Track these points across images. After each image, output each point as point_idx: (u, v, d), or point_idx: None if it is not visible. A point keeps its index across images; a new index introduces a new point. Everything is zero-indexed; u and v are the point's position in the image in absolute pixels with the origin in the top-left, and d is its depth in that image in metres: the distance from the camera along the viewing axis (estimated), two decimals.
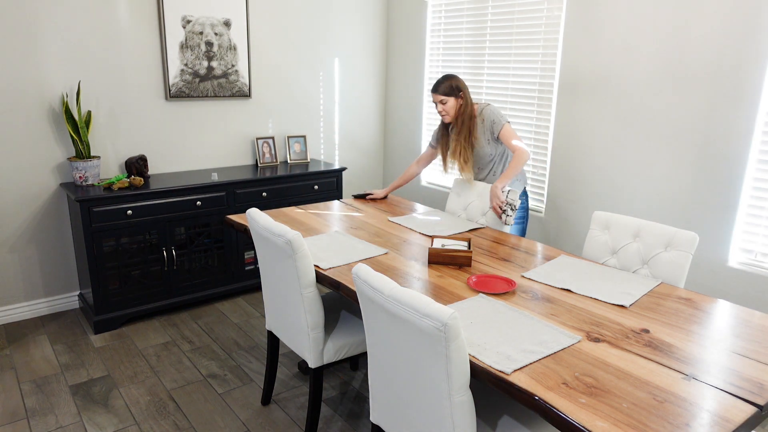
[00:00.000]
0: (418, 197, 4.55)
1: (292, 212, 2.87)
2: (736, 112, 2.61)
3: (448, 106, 2.82)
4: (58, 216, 3.31)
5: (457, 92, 2.80)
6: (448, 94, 2.80)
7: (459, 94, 2.81)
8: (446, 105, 2.82)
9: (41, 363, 2.84)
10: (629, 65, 2.98)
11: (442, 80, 2.82)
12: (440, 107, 2.84)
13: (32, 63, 3.06)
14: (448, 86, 2.80)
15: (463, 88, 2.82)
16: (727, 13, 2.58)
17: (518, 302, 1.83)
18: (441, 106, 2.84)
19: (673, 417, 1.24)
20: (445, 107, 2.82)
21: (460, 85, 2.82)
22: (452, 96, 2.80)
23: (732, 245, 2.72)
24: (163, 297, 3.36)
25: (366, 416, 2.48)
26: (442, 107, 2.83)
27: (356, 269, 1.62)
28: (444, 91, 2.81)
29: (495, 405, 1.76)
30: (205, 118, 3.74)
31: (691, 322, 1.71)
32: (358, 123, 4.57)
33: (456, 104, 2.82)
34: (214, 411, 2.49)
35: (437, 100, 2.84)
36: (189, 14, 3.50)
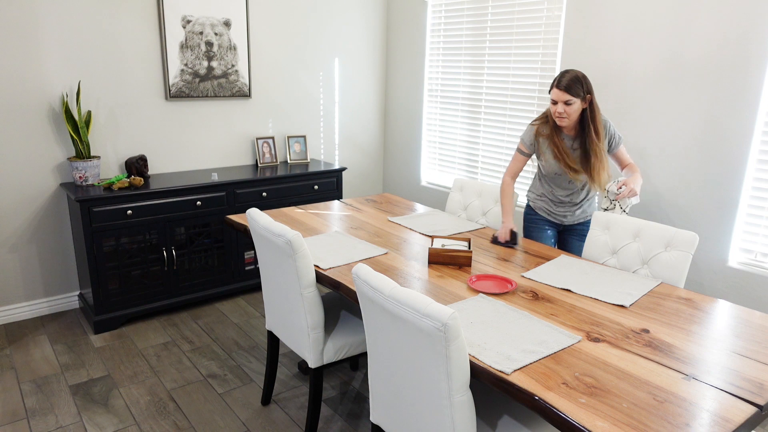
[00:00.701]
0: (418, 197, 4.55)
1: (292, 212, 2.87)
2: (736, 112, 2.61)
3: (573, 108, 2.32)
4: (58, 216, 3.31)
5: (584, 94, 2.32)
6: (576, 93, 2.30)
7: (586, 97, 2.34)
8: (571, 107, 2.32)
9: (41, 363, 2.84)
10: (629, 65, 2.98)
11: (565, 74, 2.32)
12: (561, 107, 2.32)
13: (32, 63, 3.07)
14: (576, 82, 2.30)
15: (591, 90, 2.35)
16: (727, 13, 2.58)
17: (518, 302, 1.83)
18: (563, 107, 2.32)
19: (673, 417, 1.24)
20: (569, 109, 2.32)
21: (589, 85, 2.34)
22: (579, 97, 2.32)
23: (732, 245, 2.72)
24: (163, 297, 3.36)
25: (366, 416, 2.48)
26: (565, 108, 2.32)
27: (356, 269, 1.62)
28: (570, 87, 2.30)
29: (495, 405, 1.76)
30: (205, 118, 3.74)
31: (691, 322, 1.71)
32: (358, 123, 4.57)
33: (580, 108, 2.35)
34: (214, 411, 2.49)
35: (561, 99, 2.31)
36: (189, 14, 3.50)
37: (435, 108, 4.29)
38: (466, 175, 4.13)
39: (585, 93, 2.32)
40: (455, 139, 4.16)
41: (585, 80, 2.32)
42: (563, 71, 2.34)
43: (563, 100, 2.30)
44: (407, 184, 4.63)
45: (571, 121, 2.36)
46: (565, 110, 2.32)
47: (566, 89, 2.29)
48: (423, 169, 4.49)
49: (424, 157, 4.47)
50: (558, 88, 2.31)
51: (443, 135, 4.26)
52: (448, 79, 4.12)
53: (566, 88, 2.29)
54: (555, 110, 2.35)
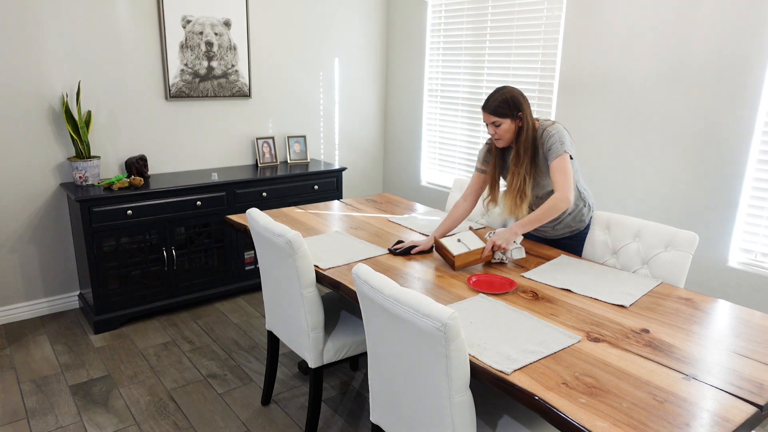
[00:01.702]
0: (418, 197, 4.55)
1: (292, 212, 2.87)
2: (736, 112, 2.61)
3: (502, 129, 2.20)
4: (58, 216, 3.31)
5: (514, 112, 2.17)
6: (503, 114, 2.17)
7: (517, 115, 2.18)
8: (500, 128, 2.20)
9: (41, 363, 2.84)
10: (629, 65, 2.98)
11: (494, 94, 2.20)
12: (492, 129, 2.22)
13: (32, 63, 3.06)
14: (503, 103, 2.17)
15: (522, 106, 2.18)
16: (727, 13, 2.58)
17: (518, 302, 1.83)
18: (493, 129, 2.22)
19: (673, 417, 1.24)
20: (499, 131, 2.21)
21: (519, 102, 2.18)
22: (508, 117, 2.18)
23: (732, 245, 2.72)
24: (163, 297, 3.36)
25: (366, 416, 2.48)
26: (495, 130, 2.21)
27: (356, 269, 1.62)
28: (496, 109, 2.17)
29: (495, 405, 1.76)
30: (205, 118, 3.74)
31: (691, 322, 1.71)
32: (358, 123, 4.57)
33: (513, 127, 2.20)
34: (214, 411, 2.49)
35: (488, 121, 2.21)
36: (189, 14, 3.50)
37: (435, 108, 4.29)
38: (466, 175, 4.12)
39: (515, 111, 2.17)
40: (455, 139, 4.16)
41: (515, 99, 2.17)
42: (494, 90, 2.23)
43: (489, 121, 2.21)
44: (407, 184, 4.63)
45: (506, 141, 2.24)
46: (496, 132, 2.21)
47: (492, 111, 2.18)
48: (423, 169, 4.49)
49: (424, 157, 4.47)
50: (484, 110, 2.21)
51: (443, 135, 4.26)
52: (448, 79, 4.12)
53: (492, 111, 2.18)
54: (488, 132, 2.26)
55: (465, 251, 2.11)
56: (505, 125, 2.19)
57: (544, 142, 2.21)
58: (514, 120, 2.18)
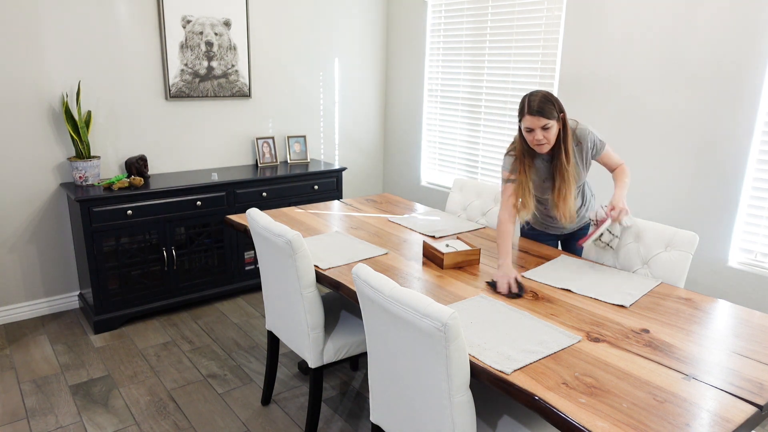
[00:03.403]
0: (418, 197, 4.55)
1: (292, 212, 2.87)
2: (736, 112, 2.61)
3: (552, 132, 2.08)
4: (58, 216, 3.31)
5: (557, 113, 2.08)
6: (551, 116, 2.05)
7: (560, 116, 2.09)
8: (549, 131, 2.07)
9: (41, 363, 2.84)
10: (629, 65, 2.98)
11: (535, 97, 2.07)
12: (540, 134, 2.07)
13: (32, 63, 3.06)
14: (549, 104, 2.05)
15: (563, 107, 2.12)
16: (728, 13, 2.58)
17: (518, 302, 1.83)
18: (541, 133, 2.07)
19: (673, 417, 1.24)
20: (548, 134, 2.07)
21: (560, 102, 2.11)
22: (554, 119, 2.06)
23: (732, 245, 2.72)
24: (163, 297, 3.36)
25: (366, 416, 2.48)
26: (543, 134, 2.07)
27: (356, 269, 1.62)
28: (547, 112, 2.04)
29: (495, 405, 1.76)
30: (205, 118, 3.74)
31: (691, 322, 1.71)
32: (358, 123, 4.57)
33: (557, 128, 2.10)
34: (214, 411, 2.49)
35: (537, 126, 2.05)
36: (189, 14, 3.50)
37: (435, 108, 4.29)
38: (466, 175, 4.13)
39: (558, 112, 2.08)
40: (455, 139, 4.16)
41: (555, 99, 2.10)
42: (529, 94, 2.11)
43: (540, 125, 2.05)
44: (407, 184, 4.63)
45: (550, 145, 2.12)
46: (544, 135, 2.08)
47: (541, 113, 2.04)
48: (423, 169, 4.49)
49: (424, 157, 4.47)
50: (531, 114, 2.05)
51: (443, 135, 4.26)
52: (448, 79, 4.12)
53: (540, 112, 2.04)
54: (533, 138, 2.09)
55: (453, 251, 2.16)
56: (554, 128, 2.08)
57: (580, 140, 2.21)
58: (558, 121, 2.09)
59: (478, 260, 2.19)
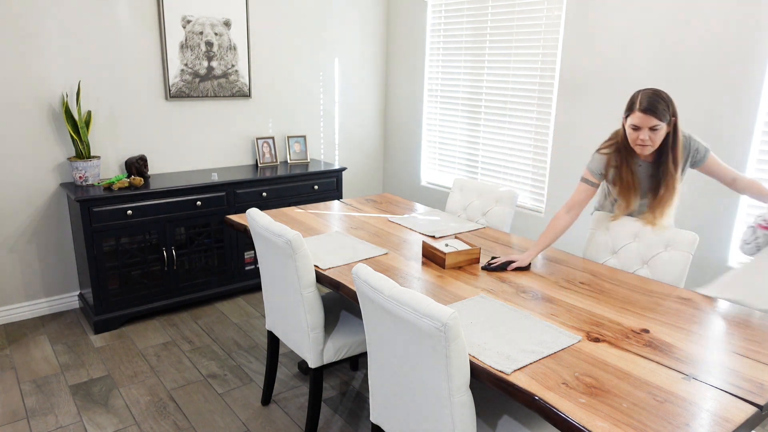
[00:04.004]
0: (418, 197, 4.55)
1: (292, 212, 2.87)
2: (736, 112, 2.61)
3: (660, 134, 1.99)
4: (58, 216, 3.31)
5: (670, 117, 1.98)
6: (663, 117, 1.96)
7: (671, 119, 2.00)
8: (658, 133, 1.98)
9: (41, 363, 2.84)
10: (629, 65, 2.98)
11: (650, 95, 1.96)
12: (646, 135, 1.98)
13: (32, 63, 3.07)
14: (664, 105, 1.95)
15: (676, 110, 2.01)
16: (727, 13, 2.58)
17: (518, 302, 1.83)
18: (647, 133, 1.98)
19: (673, 417, 1.24)
20: (655, 136, 1.98)
21: (673, 104, 2.00)
22: (665, 121, 1.97)
23: (732, 245, 2.72)
24: (163, 297, 3.36)
25: (366, 416, 2.48)
26: (650, 135, 1.98)
27: (356, 269, 1.62)
28: (660, 112, 1.95)
29: (495, 405, 1.76)
30: (205, 118, 3.74)
31: (691, 322, 1.71)
32: (358, 123, 4.57)
33: (665, 133, 2.01)
34: (214, 411, 2.49)
35: (646, 125, 1.97)
36: (189, 14, 3.50)
37: (435, 108, 4.29)
38: (466, 175, 4.13)
39: (671, 115, 1.97)
40: (455, 139, 4.16)
41: (671, 99, 1.98)
42: (643, 90, 2.00)
43: (649, 125, 1.95)
44: (407, 184, 4.63)
45: (654, 149, 2.02)
46: (650, 137, 1.97)
47: (652, 112, 1.93)
48: (423, 169, 4.50)
49: (424, 157, 4.47)
50: (642, 112, 1.95)
51: (443, 135, 4.26)
52: (448, 79, 4.12)
53: (652, 111, 1.93)
54: (636, 137, 2.00)
55: (454, 251, 2.15)
56: (663, 130, 1.98)
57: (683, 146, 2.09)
58: (669, 124, 1.99)
59: (478, 260, 2.19)
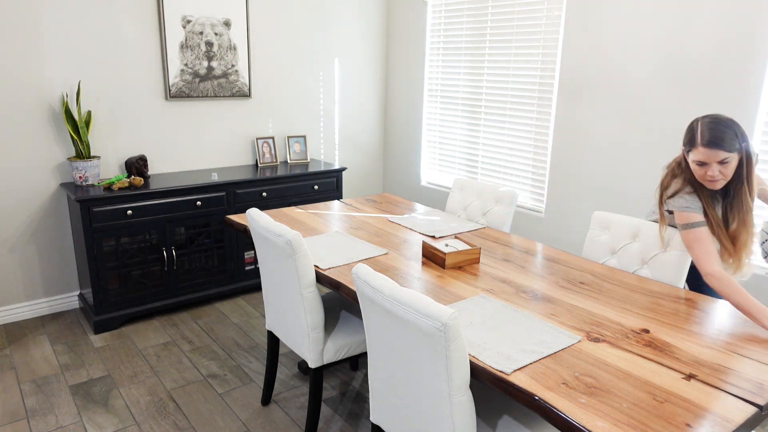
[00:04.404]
0: (418, 197, 4.55)
1: (292, 212, 2.87)
2: (736, 112, 2.61)
3: (731, 167, 1.77)
4: (58, 216, 3.31)
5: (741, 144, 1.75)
6: (735, 149, 1.74)
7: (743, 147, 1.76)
8: (729, 165, 1.76)
9: (41, 363, 2.84)
10: (629, 65, 2.98)
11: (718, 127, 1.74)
12: (716, 170, 1.76)
13: (32, 63, 3.06)
14: (734, 136, 1.73)
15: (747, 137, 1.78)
16: (728, 13, 2.58)
17: (518, 302, 1.83)
18: (718, 169, 1.76)
19: (673, 417, 1.24)
20: (726, 170, 1.77)
21: (743, 132, 1.76)
22: (735, 152, 1.75)
23: None
24: (163, 297, 3.36)
25: (366, 416, 2.48)
26: (720, 170, 1.77)
27: (356, 269, 1.62)
28: (731, 144, 1.73)
29: (495, 405, 1.76)
30: (205, 118, 3.74)
31: (691, 322, 1.71)
32: (358, 123, 4.57)
33: (736, 164, 1.79)
34: (214, 411, 2.49)
35: (714, 160, 1.75)
36: (189, 14, 3.50)
37: (435, 108, 4.29)
38: (466, 175, 4.13)
39: (741, 144, 1.74)
40: (455, 139, 4.16)
41: (739, 127, 1.75)
42: (701, 119, 1.78)
43: (717, 159, 1.73)
44: (407, 184, 4.63)
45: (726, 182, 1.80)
46: (721, 171, 1.76)
47: (717, 145, 1.71)
48: (423, 169, 4.50)
49: (424, 157, 4.47)
50: (705, 147, 1.73)
51: (443, 135, 4.26)
52: (448, 79, 4.12)
53: (717, 144, 1.72)
54: (704, 173, 1.78)
55: (454, 251, 2.15)
56: (734, 161, 1.76)
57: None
58: (740, 152, 1.77)
59: (478, 260, 2.19)
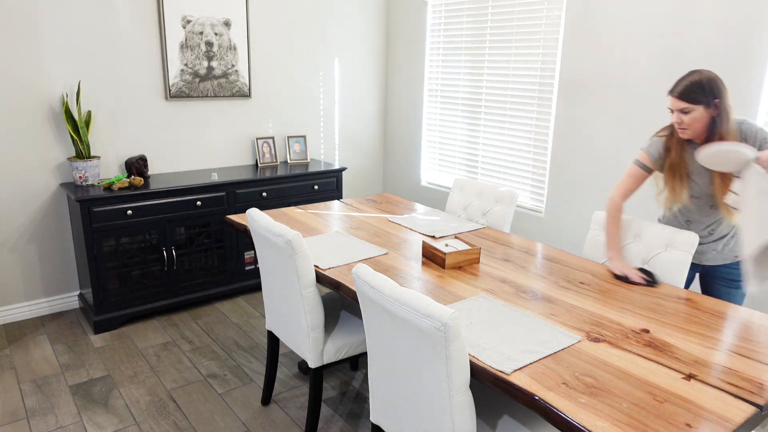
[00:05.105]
0: (418, 197, 4.55)
1: (292, 212, 2.87)
2: (736, 111, 2.61)
3: (691, 117, 1.93)
4: (58, 216, 3.31)
5: (709, 98, 1.89)
6: (694, 100, 1.90)
7: (713, 102, 1.90)
8: (688, 116, 1.93)
9: (41, 363, 2.84)
10: (629, 65, 2.98)
11: (685, 77, 1.92)
12: (677, 117, 1.95)
13: (32, 63, 3.06)
14: (695, 87, 1.89)
15: (721, 92, 1.90)
16: (727, 13, 2.58)
17: (518, 302, 1.83)
18: (679, 116, 1.95)
19: (673, 417, 1.24)
20: (686, 119, 1.93)
21: (717, 87, 1.89)
22: (701, 104, 1.90)
23: None
24: (163, 297, 3.36)
25: (366, 416, 2.48)
26: (681, 118, 1.94)
27: (356, 269, 1.62)
28: (686, 94, 1.91)
29: (495, 405, 1.76)
30: (205, 118, 3.74)
31: (691, 322, 1.71)
32: (358, 123, 4.57)
33: (705, 116, 1.92)
34: (214, 411, 2.49)
35: (675, 108, 1.94)
36: (189, 14, 3.50)
37: (435, 108, 4.29)
38: (466, 175, 4.13)
39: (710, 98, 1.88)
40: (455, 139, 4.16)
41: (710, 83, 1.88)
42: (687, 73, 1.95)
43: (678, 108, 1.93)
44: (407, 184, 4.63)
45: (694, 132, 1.96)
46: (683, 120, 1.94)
47: (681, 96, 1.91)
48: (423, 169, 4.50)
49: (424, 157, 4.47)
50: (672, 95, 1.94)
51: (443, 135, 4.26)
52: (448, 79, 4.12)
53: (681, 95, 1.91)
54: (672, 119, 1.99)
55: (454, 251, 2.15)
56: (696, 113, 1.91)
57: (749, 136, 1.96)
58: (708, 108, 1.90)
59: (478, 260, 2.19)
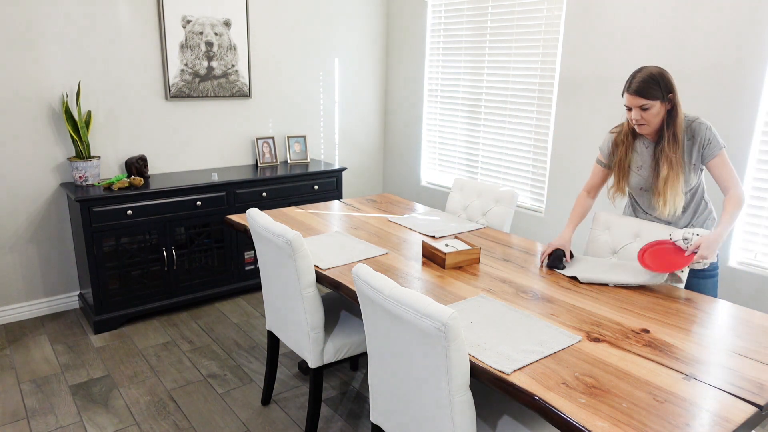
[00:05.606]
0: (418, 197, 4.55)
1: (292, 212, 2.87)
2: (736, 112, 2.61)
3: (651, 113, 1.98)
4: (58, 216, 3.31)
5: (665, 93, 1.96)
6: (653, 96, 1.95)
7: (667, 96, 1.97)
8: (648, 112, 1.98)
9: (41, 363, 2.84)
10: (629, 65, 2.98)
11: (638, 74, 1.97)
12: (637, 114, 1.99)
13: (32, 63, 3.06)
14: (652, 83, 1.95)
15: (673, 87, 1.97)
16: (727, 13, 2.58)
17: (518, 302, 1.84)
18: (639, 113, 1.98)
19: (673, 417, 1.24)
20: (646, 115, 1.98)
21: (670, 82, 1.97)
22: (658, 99, 1.96)
23: (732, 245, 2.72)
24: (163, 297, 3.36)
25: (366, 416, 2.48)
26: (641, 114, 1.98)
27: (356, 269, 1.62)
28: (645, 90, 1.95)
29: (495, 405, 1.76)
30: (205, 118, 3.74)
31: (691, 322, 1.71)
32: (358, 123, 4.57)
33: (662, 111, 2.00)
34: (214, 411, 2.49)
35: (635, 105, 1.98)
36: (189, 14, 3.50)
37: (435, 108, 4.29)
38: (466, 175, 4.13)
39: (665, 93, 1.95)
40: (455, 139, 4.16)
41: (663, 78, 1.95)
42: (636, 70, 2.00)
43: (637, 105, 1.96)
44: (407, 184, 4.63)
45: (652, 128, 2.02)
46: (642, 116, 1.98)
47: (639, 92, 1.95)
48: (423, 169, 4.50)
49: (424, 157, 4.47)
50: (629, 93, 1.98)
51: (443, 135, 4.26)
52: (448, 79, 4.12)
53: (639, 92, 1.95)
54: (630, 117, 2.02)
55: (454, 251, 2.15)
56: (655, 109, 1.97)
57: (697, 134, 2.03)
58: (664, 102, 1.97)
59: (478, 260, 2.19)
